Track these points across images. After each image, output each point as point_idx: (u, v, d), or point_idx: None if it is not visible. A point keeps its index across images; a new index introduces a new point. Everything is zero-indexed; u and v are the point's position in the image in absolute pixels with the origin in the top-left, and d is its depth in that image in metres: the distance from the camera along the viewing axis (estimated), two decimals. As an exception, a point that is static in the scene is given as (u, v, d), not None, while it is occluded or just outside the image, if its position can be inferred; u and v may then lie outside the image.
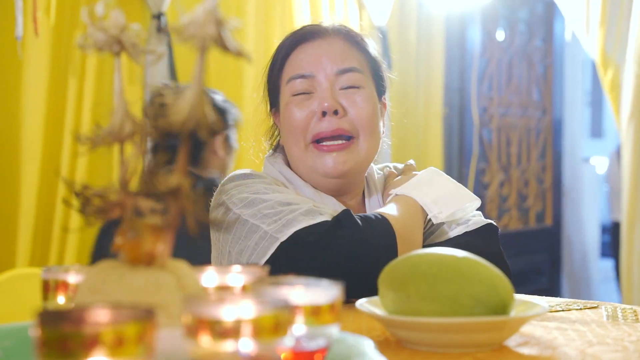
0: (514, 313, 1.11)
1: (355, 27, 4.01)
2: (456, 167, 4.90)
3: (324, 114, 1.64)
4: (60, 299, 0.97)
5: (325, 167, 1.65)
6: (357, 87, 1.68)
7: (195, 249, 1.41)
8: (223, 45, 0.82)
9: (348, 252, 1.46)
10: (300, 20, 3.86)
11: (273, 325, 0.73)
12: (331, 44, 1.70)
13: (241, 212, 1.53)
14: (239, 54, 0.83)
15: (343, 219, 1.49)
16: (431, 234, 1.69)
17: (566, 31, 5.48)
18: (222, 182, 1.65)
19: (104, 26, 0.88)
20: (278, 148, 1.79)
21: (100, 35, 0.88)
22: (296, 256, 1.46)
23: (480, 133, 5.05)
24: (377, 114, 1.72)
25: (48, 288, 0.97)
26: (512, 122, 5.35)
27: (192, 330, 0.72)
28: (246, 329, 0.72)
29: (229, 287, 0.95)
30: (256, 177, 1.63)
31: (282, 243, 1.46)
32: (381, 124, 1.74)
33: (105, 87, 3.17)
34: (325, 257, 1.45)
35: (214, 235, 1.62)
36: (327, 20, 1.78)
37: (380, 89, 1.75)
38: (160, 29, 3.32)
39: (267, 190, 1.57)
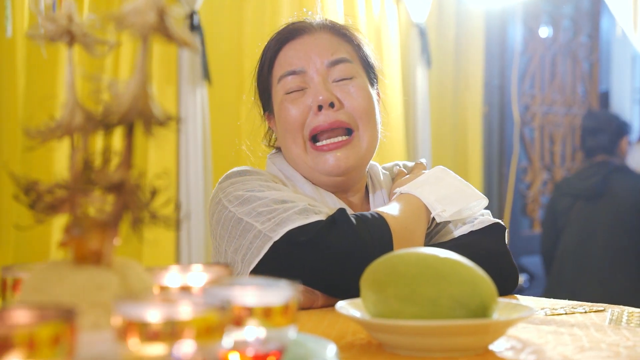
0: (497, 316, 1.06)
1: (393, 24, 3.96)
2: (496, 166, 4.81)
3: (319, 108, 1.61)
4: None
5: (327, 166, 1.62)
6: (350, 78, 1.66)
7: None
8: (166, 34, 0.79)
9: (341, 251, 1.42)
10: (335, 18, 3.82)
11: (206, 327, 0.69)
12: (318, 38, 1.68)
13: (236, 211, 1.51)
14: (184, 43, 0.79)
15: (337, 218, 1.46)
16: (437, 233, 1.65)
17: (617, 27, 5.36)
18: (220, 179, 1.63)
19: (53, 16, 0.85)
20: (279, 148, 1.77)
21: (50, 25, 0.85)
22: (289, 256, 1.43)
23: (522, 132, 4.95)
24: (373, 103, 1.70)
25: (5, 287, 0.95)
26: (555, 121, 5.23)
27: (122, 333, 0.69)
28: (178, 332, 0.68)
29: (189, 287, 0.91)
30: (253, 174, 1.61)
31: (275, 242, 1.44)
32: (378, 113, 1.71)
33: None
34: (318, 257, 1.42)
35: (212, 234, 1.60)
36: (313, 17, 1.75)
37: (372, 79, 1.72)
38: (193, 28, 3.31)
39: (263, 188, 1.54)
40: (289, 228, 1.44)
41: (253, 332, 0.80)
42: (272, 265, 1.45)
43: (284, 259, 1.44)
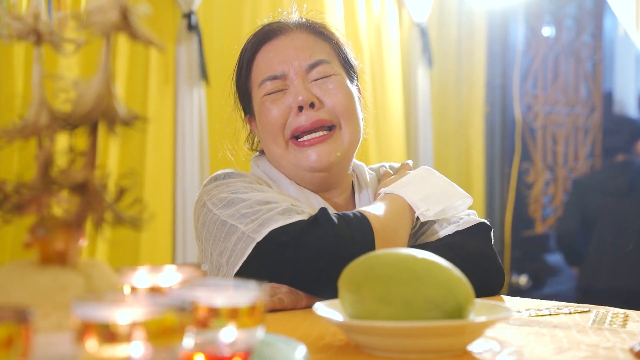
0: (475, 317, 1.05)
1: (394, 24, 3.94)
2: (498, 167, 4.78)
3: (300, 108, 1.61)
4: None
5: (309, 161, 1.61)
6: (329, 76, 1.66)
7: None
8: (130, 33, 0.78)
9: (323, 251, 1.41)
10: (334, 21, 3.80)
11: (164, 328, 0.68)
12: (295, 39, 1.68)
13: (220, 213, 1.50)
14: (149, 42, 0.79)
15: (319, 218, 1.45)
16: (422, 234, 1.64)
17: (620, 27, 5.34)
18: (204, 182, 1.63)
19: (20, 15, 0.84)
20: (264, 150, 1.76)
21: (17, 24, 0.84)
22: (272, 256, 1.43)
23: (524, 132, 4.92)
24: (354, 99, 1.69)
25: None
26: (558, 120, 5.20)
27: (79, 334, 0.68)
28: (136, 333, 0.67)
29: (159, 288, 0.91)
30: (237, 176, 1.60)
31: (258, 243, 1.43)
32: (359, 109, 1.70)
33: (137, 86, 3.16)
34: (300, 257, 1.41)
35: (197, 237, 1.60)
36: (290, 16, 1.75)
37: (351, 76, 1.71)
38: (191, 28, 3.31)
39: (247, 190, 1.54)
40: (271, 228, 1.43)
41: (219, 333, 0.79)
42: (256, 266, 1.44)
43: (267, 260, 1.44)
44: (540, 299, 1.51)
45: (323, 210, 1.47)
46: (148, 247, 3.12)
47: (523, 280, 4.69)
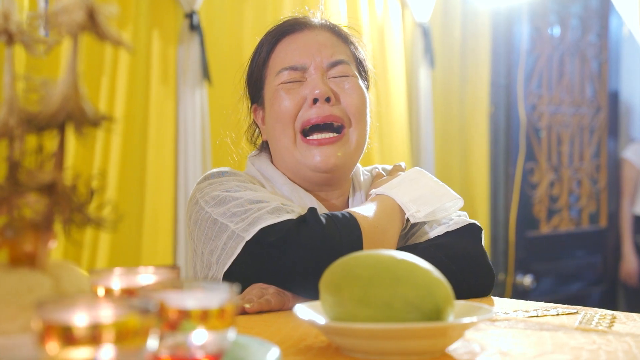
0: (454, 318, 1.04)
1: (397, 24, 3.93)
2: (502, 167, 4.76)
3: (315, 101, 1.61)
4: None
5: (314, 161, 1.61)
6: (347, 76, 1.67)
7: None
8: (98, 33, 0.77)
9: (309, 250, 1.41)
10: (337, 22, 3.78)
11: (127, 331, 0.68)
12: (319, 35, 1.69)
13: (212, 211, 1.50)
14: (117, 43, 0.78)
15: (307, 217, 1.45)
16: (412, 235, 1.63)
17: (625, 27, 5.31)
18: (198, 180, 1.63)
19: (-10, 16, 0.84)
20: (262, 147, 1.76)
21: (-12, 25, 0.84)
22: (261, 255, 1.42)
23: (529, 132, 4.90)
24: (366, 103, 1.70)
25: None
26: (563, 121, 5.17)
27: (41, 337, 0.68)
28: (98, 335, 0.67)
29: (132, 290, 0.90)
30: (231, 174, 1.60)
31: (247, 242, 1.43)
32: (369, 116, 1.70)
33: (138, 86, 3.15)
34: (287, 256, 1.41)
35: (190, 235, 1.59)
36: (314, 14, 1.75)
37: (365, 82, 1.72)
38: (193, 27, 3.31)
39: (239, 188, 1.54)
40: (260, 227, 1.43)
41: (189, 335, 0.79)
42: (245, 265, 1.44)
43: (256, 259, 1.43)
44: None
45: (312, 210, 1.47)
46: (149, 247, 3.12)
47: (527, 280, 4.67)
